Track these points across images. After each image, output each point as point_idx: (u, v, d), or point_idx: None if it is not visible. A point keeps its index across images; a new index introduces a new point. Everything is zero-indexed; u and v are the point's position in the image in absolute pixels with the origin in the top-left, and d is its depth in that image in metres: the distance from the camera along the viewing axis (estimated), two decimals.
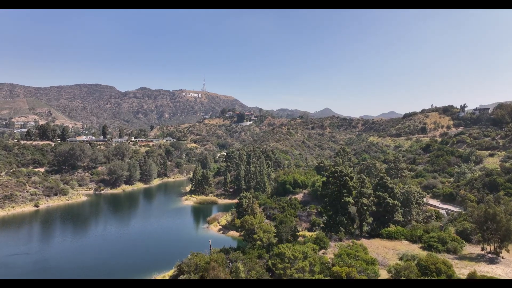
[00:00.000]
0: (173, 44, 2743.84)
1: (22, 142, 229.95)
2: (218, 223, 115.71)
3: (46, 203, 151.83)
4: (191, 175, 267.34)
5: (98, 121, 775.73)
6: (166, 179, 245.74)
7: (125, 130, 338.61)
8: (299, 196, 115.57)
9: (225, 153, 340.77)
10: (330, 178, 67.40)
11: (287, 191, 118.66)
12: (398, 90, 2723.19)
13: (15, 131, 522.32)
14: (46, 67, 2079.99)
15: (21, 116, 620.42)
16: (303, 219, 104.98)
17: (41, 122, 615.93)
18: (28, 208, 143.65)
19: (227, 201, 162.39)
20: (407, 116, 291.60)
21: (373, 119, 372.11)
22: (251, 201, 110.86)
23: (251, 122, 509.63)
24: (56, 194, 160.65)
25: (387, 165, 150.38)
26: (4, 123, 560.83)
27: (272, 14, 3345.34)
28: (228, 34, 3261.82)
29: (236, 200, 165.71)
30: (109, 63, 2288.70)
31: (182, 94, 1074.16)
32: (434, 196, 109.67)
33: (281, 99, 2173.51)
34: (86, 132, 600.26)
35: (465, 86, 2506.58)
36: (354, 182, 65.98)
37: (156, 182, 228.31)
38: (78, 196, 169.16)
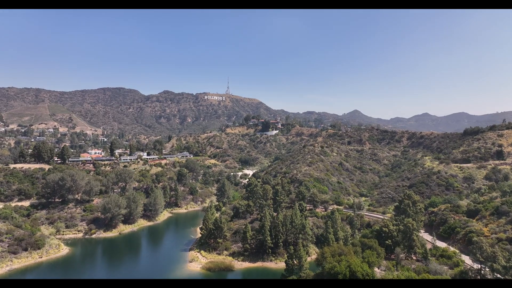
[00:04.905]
0: (197, 46, 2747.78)
1: (12, 167, 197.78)
2: None
3: (9, 265, 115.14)
4: (206, 203, 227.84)
5: (119, 126, 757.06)
6: (176, 210, 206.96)
7: (136, 145, 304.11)
8: None
9: (248, 173, 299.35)
10: None
11: None
12: (432, 91, 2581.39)
13: (32, 140, 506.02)
14: (72, 71, 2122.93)
15: (41, 123, 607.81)
16: None
17: (61, 129, 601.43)
18: None
19: (246, 265, 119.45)
20: (470, 133, 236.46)
21: (421, 132, 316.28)
22: None
23: (277, 131, 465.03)
24: (26, 249, 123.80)
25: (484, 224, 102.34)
26: (23, 130, 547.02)
27: (298, 14, 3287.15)
28: (253, 35, 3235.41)
29: (259, 263, 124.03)
30: (134, 66, 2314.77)
31: (206, 97, 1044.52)
32: None
33: (307, 99, 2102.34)
34: (105, 139, 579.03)
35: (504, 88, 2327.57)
36: None
37: (163, 216, 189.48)
38: (57, 248, 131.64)
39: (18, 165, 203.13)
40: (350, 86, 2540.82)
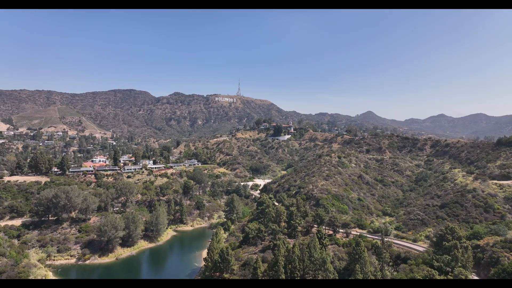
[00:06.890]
0: (208, 48, 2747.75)
1: (6, 180, 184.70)
2: None
3: None
4: (214, 219, 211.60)
5: (129, 129, 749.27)
6: (181, 228, 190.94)
7: (142, 152, 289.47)
8: None
9: (259, 183, 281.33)
10: None
11: None
12: (448, 92, 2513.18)
13: (41, 144, 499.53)
14: (84, 73, 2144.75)
15: (50, 126, 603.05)
16: None
17: (70, 132, 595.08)
18: None
19: None
20: (505, 143, 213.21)
21: (445, 140, 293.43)
22: None
23: (290, 136, 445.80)
24: None
25: None
26: (32, 134, 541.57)
27: (311, 16, 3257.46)
28: (265, 36, 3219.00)
29: None
30: (145, 68, 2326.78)
31: (216, 99, 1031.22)
32: None
33: (320, 100, 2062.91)
34: (115, 143, 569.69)
35: None
36: None
37: (166, 236, 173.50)
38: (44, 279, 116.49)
39: (13, 178, 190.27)
40: (364, 87, 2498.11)
